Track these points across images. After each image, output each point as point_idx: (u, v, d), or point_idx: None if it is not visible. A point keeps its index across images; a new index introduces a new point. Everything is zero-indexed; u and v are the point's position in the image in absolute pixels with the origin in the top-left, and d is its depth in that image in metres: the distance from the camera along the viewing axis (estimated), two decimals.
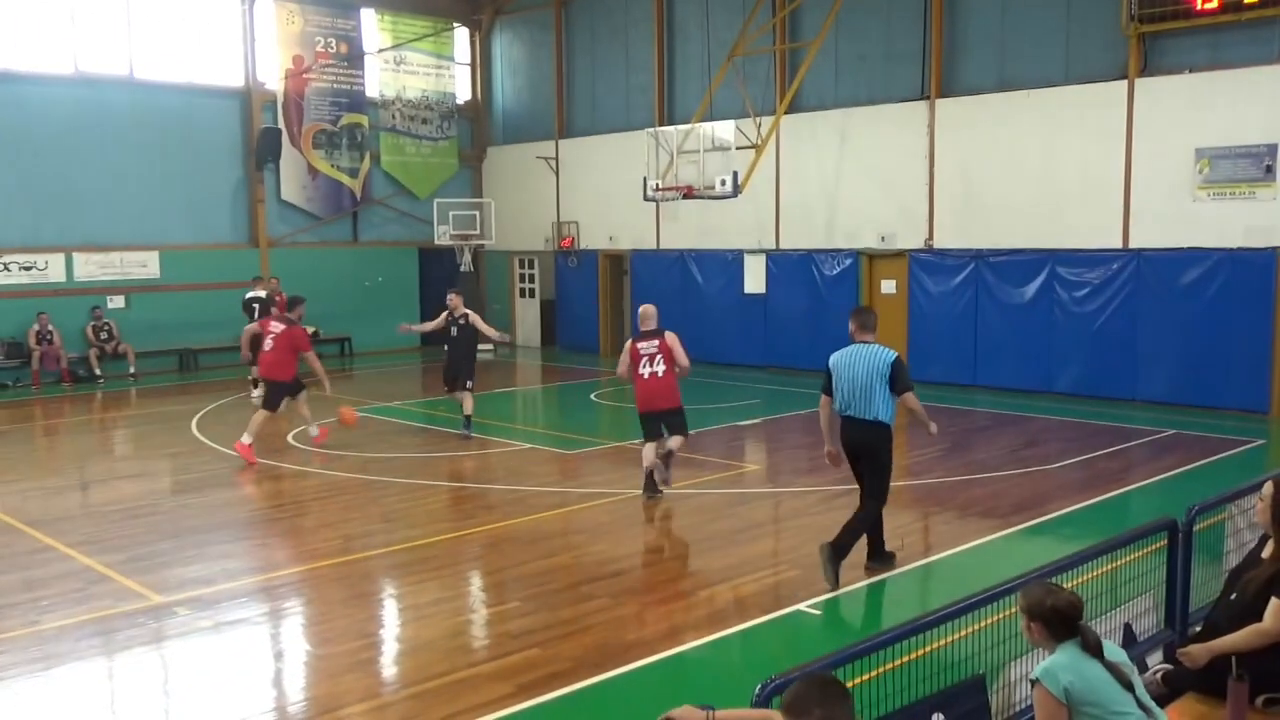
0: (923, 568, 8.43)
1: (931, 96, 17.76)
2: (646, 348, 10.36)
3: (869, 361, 7.92)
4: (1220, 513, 6.15)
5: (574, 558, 8.71)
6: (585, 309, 23.98)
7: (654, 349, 10.35)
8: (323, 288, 22.90)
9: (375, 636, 7.18)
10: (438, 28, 24.90)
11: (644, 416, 10.52)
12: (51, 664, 6.56)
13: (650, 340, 10.39)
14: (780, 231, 20.15)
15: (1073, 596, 3.95)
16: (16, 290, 19.51)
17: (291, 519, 10.23)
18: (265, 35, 22.40)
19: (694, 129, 17.92)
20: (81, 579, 8.17)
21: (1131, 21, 15.33)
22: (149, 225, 21.06)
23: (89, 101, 20.14)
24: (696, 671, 6.44)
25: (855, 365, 7.95)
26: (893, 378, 7.86)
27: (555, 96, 24.18)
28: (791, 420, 15.18)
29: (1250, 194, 14.65)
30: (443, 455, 13.10)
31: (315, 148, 23.02)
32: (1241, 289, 14.74)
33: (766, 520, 10.08)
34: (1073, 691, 3.77)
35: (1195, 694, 4.77)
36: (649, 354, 10.34)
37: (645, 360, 10.33)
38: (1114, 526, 8.74)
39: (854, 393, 7.91)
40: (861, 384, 7.87)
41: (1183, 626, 5.62)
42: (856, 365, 7.94)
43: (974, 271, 17.43)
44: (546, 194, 24.50)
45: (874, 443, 7.95)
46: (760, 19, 19.44)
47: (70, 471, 12.78)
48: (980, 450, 12.75)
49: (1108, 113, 15.83)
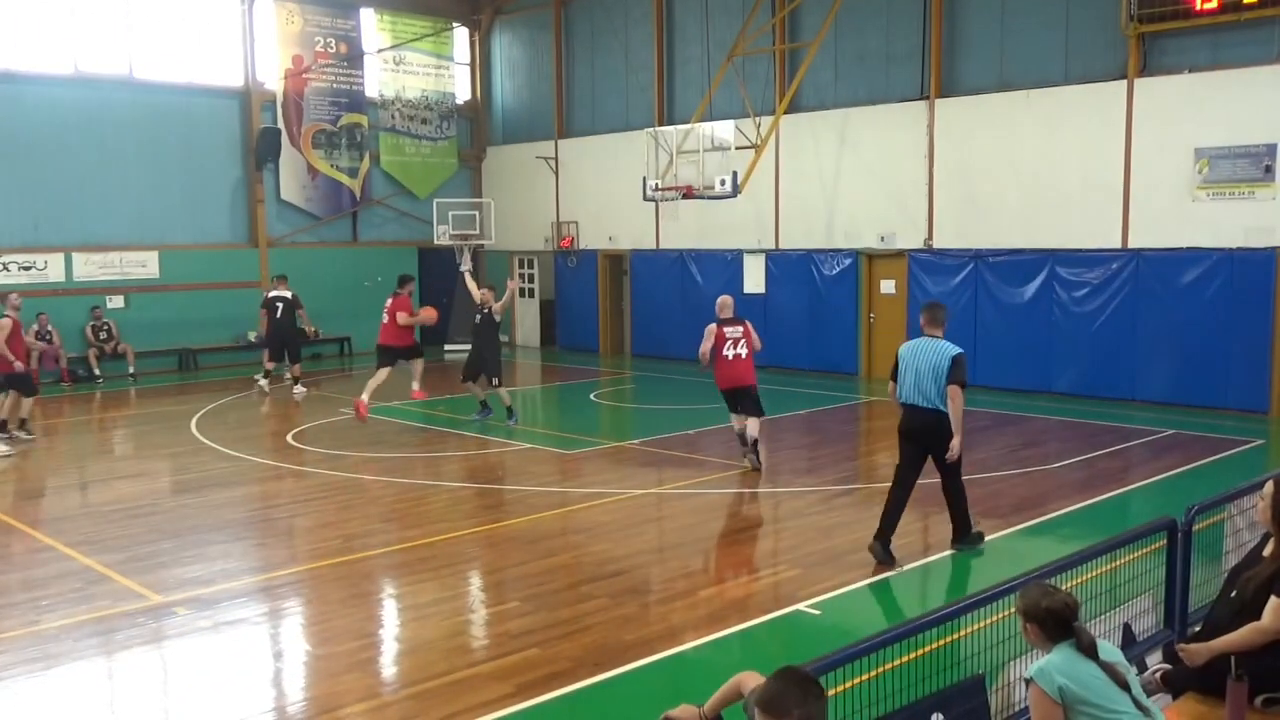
0: (922, 568, 8.43)
1: (931, 96, 17.77)
2: (732, 333, 11.53)
3: (934, 354, 8.31)
4: (1219, 513, 6.15)
5: (574, 558, 8.71)
6: (585, 309, 23.98)
7: (739, 334, 11.53)
8: (322, 288, 22.92)
9: (375, 636, 7.18)
10: (437, 28, 24.90)
11: (727, 393, 11.67)
12: (51, 664, 6.56)
13: (735, 326, 11.56)
14: (780, 231, 20.16)
15: (1067, 598, 3.97)
16: (16, 290, 19.46)
17: (291, 519, 10.23)
18: (265, 35, 22.39)
19: (693, 129, 17.92)
20: (81, 579, 8.17)
21: (1131, 21, 15.33)
22: (148, 225, 21.06)
23: (89, 101, 20.13)
24: (696, 671, 6.44)
25: (920, 357, 8.36)
26: (950, 370, 8.26)
27: (555, 96, 24.19)
28: (791, 420, 15.18)
29: (1250, 194, 14.66)
30: (443, 455, 13.10)
31: (315, 148, 23.02)
32: (1241, 289, 14.75)
33: (766, 520, 10.08)
34: (1067, 691, 3.80)
35: (1195, 694, 4.77)
36: (734, 338, 11.50)
37: (730, 344, 11.48)
38: (1113, 526, 8.74)
39: (917, 383, 8.32)
40: (925, 375, 8.29)
41: (1182, 626, 5.61)
42: (921, 357, 8.35)
43: (973, 271, 17.44)
44: (546, 194, 24.51)
45: (936, 429, 8.31)
46: (760, 19, 19.45)
47: (70, 471, 12.78)
48: (980, 450, 12.74)
49: (1107, 113, 15.83)
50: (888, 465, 12.29)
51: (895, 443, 8.70)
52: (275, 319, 17.82)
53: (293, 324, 17.94)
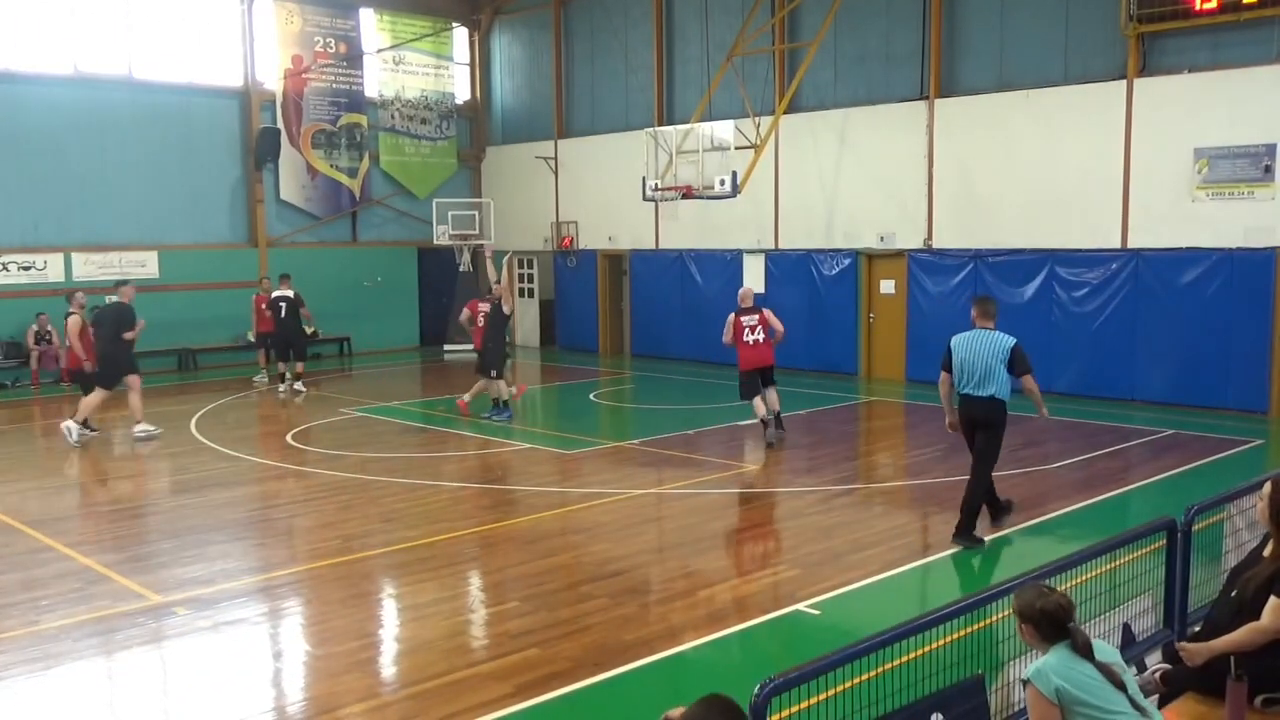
0: (922, 567, 8.43)
1: (931, 97, 17.77)
2: (749, 320, 12.87)
3: (990, 345, 8.75)
4: (1219, 513, 6.15)
5: (573, 558, 8.71)
6: (584, 309, 23.98)
7: (755, 322, 12.85)
8: (322, 288, 22.92)
9: (374, 636, 7.18)
10: (437, 28, 24.90)
11: (747, 374, 12.92)
12: (51, 664, 6.56)
13: (751, 315, 12.90)
14: (779, 231, 20.16)
15: (1062, 599, 3.98)
16: (15, 290, 19.51)
17: (291, 519, 10.23)
18: (264, 35, 22.40)
19: (693, 129, 17.92)
20: (81, 579, 8.17)
21: (1131, 21, 15.33)
22: (148, 225, 21.06)
23: (88, 101, 20.13)
24: (696, 671, 6.45)
25: (976, 348, 8.78)
26: (1012, 361, 8.68)
27: (554, 96, 24.19)
28: (791, 420, 15.16)
29: (1249, 194, 14.66)
30: (442, 455, 13.10)
31: (314, 148, 23.02)
32: (1240, 289, 14.75)
33: (766, 520, 10.08)
34: (1064, 693, 3.82)
35: (1194, 694, 4.77)
36: (750, 325, 12.85)
37: (748, 330, 12.83)
38: (1113, 526, 8.75)
39: (974, 373, 8.74)
40: (982, 365, 8.70)
41: (1181, 626, 5.61)
42: (977, 348, 8.78)
43: (973, 271, 17.44)
44: (545, 194, 24.51)
45: (993, 416, 8.80)
46: (759, 19, 19.45)
47: (69, 471, 12.78)
48: None
49: (1107, 113, 15.83)
50: (888, 465, 12.36)
51: (895, 443, 8.71)
52: (280, 319, 17.87)
53: (297, 324, 17.98)
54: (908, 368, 18.48)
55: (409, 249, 24.84)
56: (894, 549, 8.70)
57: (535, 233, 24.76)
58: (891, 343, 18.80)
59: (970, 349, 8.78)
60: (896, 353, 18.69)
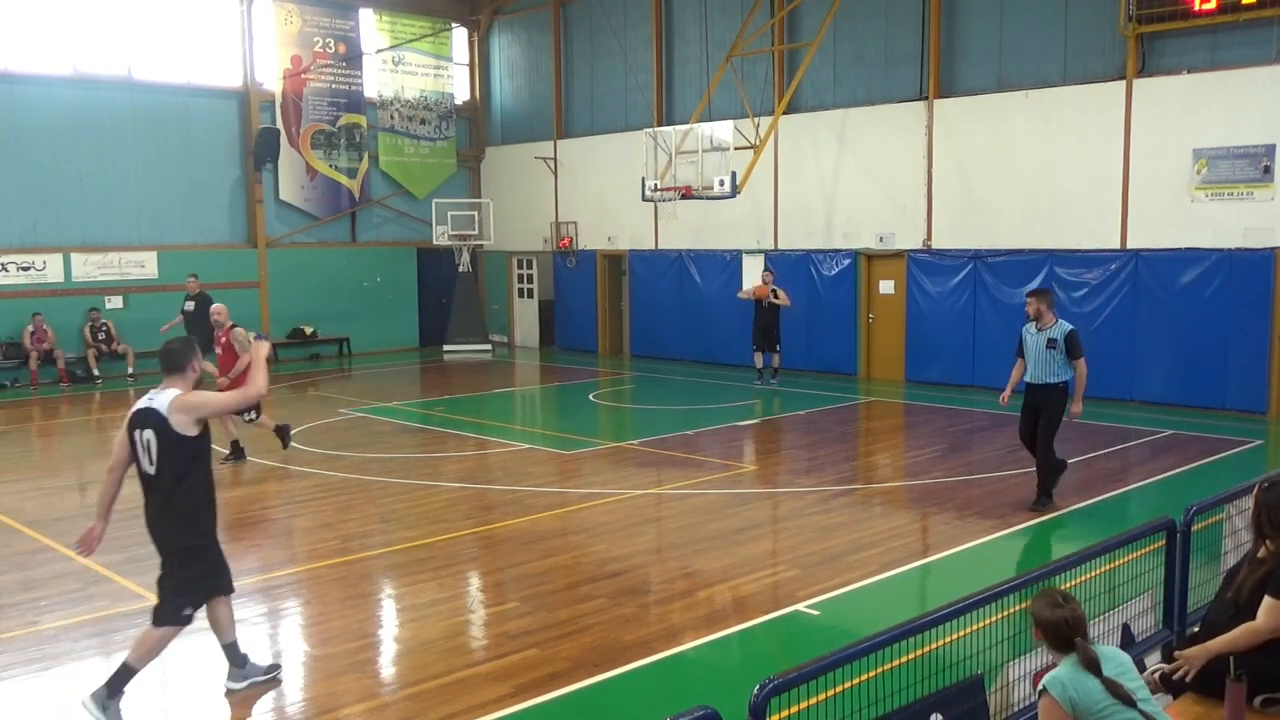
0: (921, 568, 8.44)
1: (930, 97, 17.77)
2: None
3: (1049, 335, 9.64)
4: (1218, 513, 6.15)
5: (573, 558, 8.71)
6: (584, 309, 23.98)
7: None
8: (321, 288, 22.95)
9: (373, 637, 7.18)
10: (436, 28, 24.90)
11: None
12: (51, 664, 6.56)
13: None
14: (779, 232, 20.16)
15: (1069, 614, 3.95)
16: (14, 291, 19.50)
17: (290, 519, 10.23)
18: (264, 35, 22.39)
19: (692, 129, 17.93)
20: (80, 579, 8.17)
21: (1130, 22, 15.34)
22: (147, 225, 21.06)
23: (87, 102, 20.13)
24: (695, 672, 6.44)
25: (1039, 337, 9.70)
26: (1068, 346, 9.58)
27: (554, 97, 24.19)
28: (790, 420, 15.19)
29: (1248, 194, 14.67)
30: (441, 455, 13.10)
31: (314, 148, 23.01)
32: (1239, 289, 14.76)
33: (766, 520, 10.08)
34: (1076, 704, 3.84)
35: (1194, 694, 4.77)
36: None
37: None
38: (1112, 527, 8.75)
39: (1038, 362, 9.71)
40: (1045, 354, 9.65)
41: (1181, 626, 5.62)
42: (1040, 337, 9.69)
43: (972, 272, 17.45)
44: (545, 194, 24.51)
45: (1053, 400, 9.76)
46: (759, 20, 19.45)
47: (69, 471, 12.78)
48: (979, 450, 12.75)
49: (1106, 113, 15.84)
50: (887, 466, 12.37)
51: (894, 443, 8.72)
52: None
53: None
54: (907, 368, 18.49)
55: (408, 249, 24.84)
56: (893, 549, 8.70)
57: (535, 233, 24.77)
58: (891, 343, 18.80)
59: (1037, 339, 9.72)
60: (896, 353, 18.70)
